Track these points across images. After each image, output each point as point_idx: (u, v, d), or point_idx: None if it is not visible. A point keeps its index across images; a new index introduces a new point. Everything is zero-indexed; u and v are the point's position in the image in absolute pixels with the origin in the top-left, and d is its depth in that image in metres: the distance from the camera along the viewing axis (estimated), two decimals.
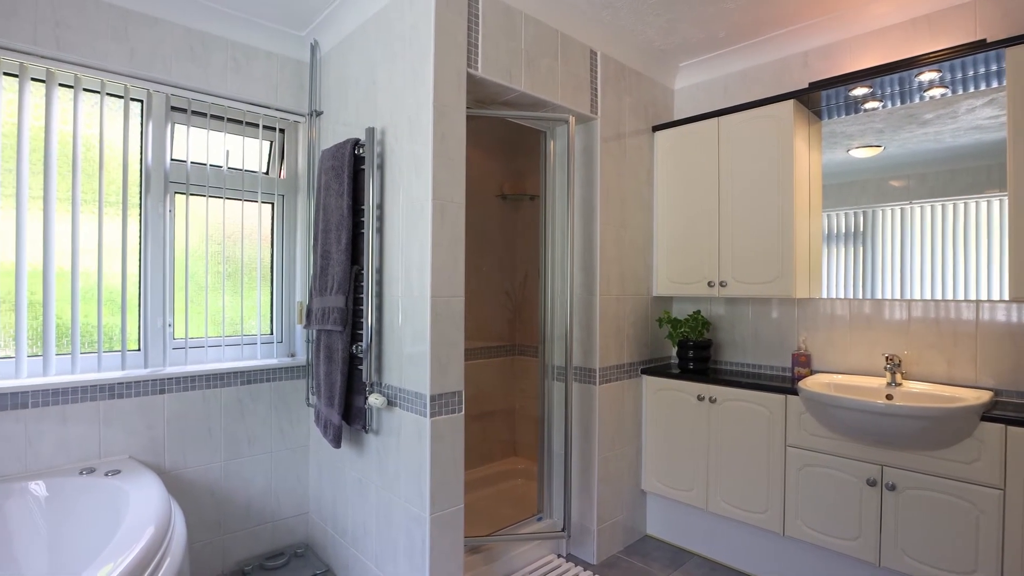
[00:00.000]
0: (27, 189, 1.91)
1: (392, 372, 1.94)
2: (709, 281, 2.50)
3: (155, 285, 2.17)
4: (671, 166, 2.66)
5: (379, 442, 2.00)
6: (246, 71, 2.33)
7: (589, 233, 2.44)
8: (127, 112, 2.09)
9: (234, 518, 2.29)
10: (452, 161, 1.81)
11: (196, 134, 2.28)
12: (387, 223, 1.97)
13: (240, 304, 2.39)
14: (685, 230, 2.60)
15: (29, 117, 1.91)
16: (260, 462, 2.37)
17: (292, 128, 2.55)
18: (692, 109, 2.80)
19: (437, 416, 1.77)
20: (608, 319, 2.45)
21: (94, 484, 1.80)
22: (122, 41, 2.03)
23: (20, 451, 1.84)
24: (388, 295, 1.96)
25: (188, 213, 2.24)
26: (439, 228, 1.77)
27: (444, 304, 1.79)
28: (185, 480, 2.17)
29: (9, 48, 1.85)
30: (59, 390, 1.91)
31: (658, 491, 2.56)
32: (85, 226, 2.02)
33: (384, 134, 1.98)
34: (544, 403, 2.49)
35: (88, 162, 2.03)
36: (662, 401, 2.55)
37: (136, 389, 2.06)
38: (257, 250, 2.44)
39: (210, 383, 2.23)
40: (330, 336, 2.04)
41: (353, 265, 1.98)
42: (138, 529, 1.48)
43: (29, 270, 1.91)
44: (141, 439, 2.07)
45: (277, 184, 2.50)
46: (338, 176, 2.00)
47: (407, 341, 1.86)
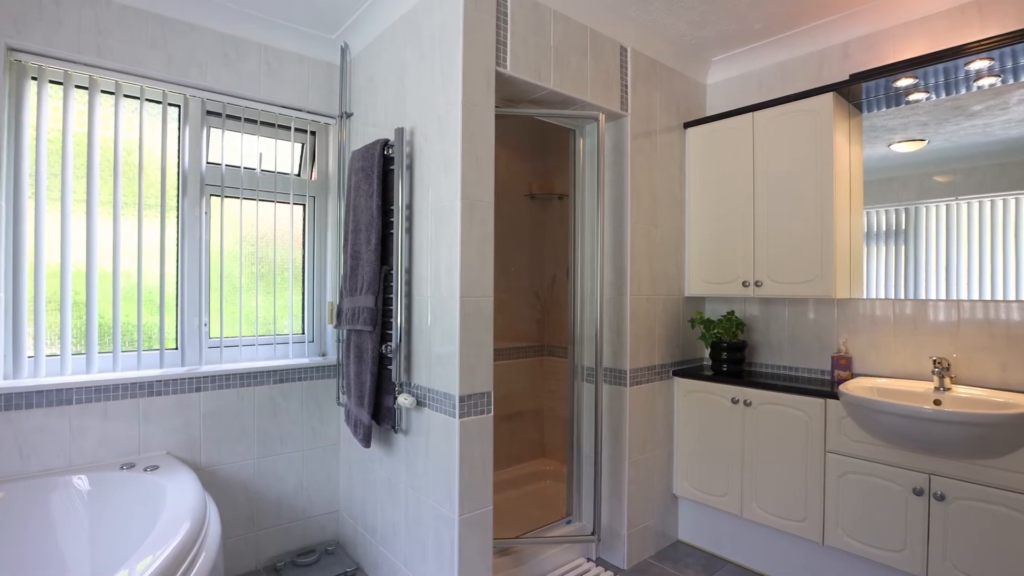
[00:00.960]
0: (71, 193, 1.97)
1: (421, 372, 1.94)
2: (743, 281, 2.43)
3: (191, 285, 2.22)
4: (703, 163, 2.60)
5: (408, 442, 2.00)
6: (278, 74, 2.37)
7: (619, 232, 2.40)
8: (165, 117, 2.15)
9: (267, 515, 2.33)
10: (481, 160, 1.80)
11: (230, 137, 2.33)
12: (416, 223, 1.97)
13: (273, 304, 2.43)
14: (718, 229, 2.54)
15: (73, 123, 1.98)
16: (292, 460, 2.40)
17: (323, 130, 2.58)
18: (725, 104, 2.73)
19: (466, 417, 1.76)
20: (639, 320, 2.41)
21: (133, 479, 1.85)
22: (160, 48, 2.08)
23: (64, 446, 1.90)
24: (417, 295, 1.96)
25: (223, 215, 2.29)
26: (468, 227, 1.76)
27: (473, 304, 1.78)
28: (220, 476, 2.21)
29: (54, 56, 1.91)
30: (101, 387, 1.97)
31: (690, 496, 2.50)
32: (125, 228, 2.08)
33: (413, 134, 1.99)
34: (573, 405, 2.46)
35: (128, 166, 2.09)
36: (694, 403, 2.49)
37: (173, 387, 2.11)
38: (289, 251, 2.48)
39: (244, 382, 2.27)
40: (360, 336, 2.05)
41: (383, 265, 1.99)
42: (175, 523, 1.51)
43: (73, 271, 1.98)
44: (178, 436, 2.12)
45: (308, 186, 2.54)
46: (367, 177, 2.01)
47: (436, 341, 1.86)
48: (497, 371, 3.13)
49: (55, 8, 1.88)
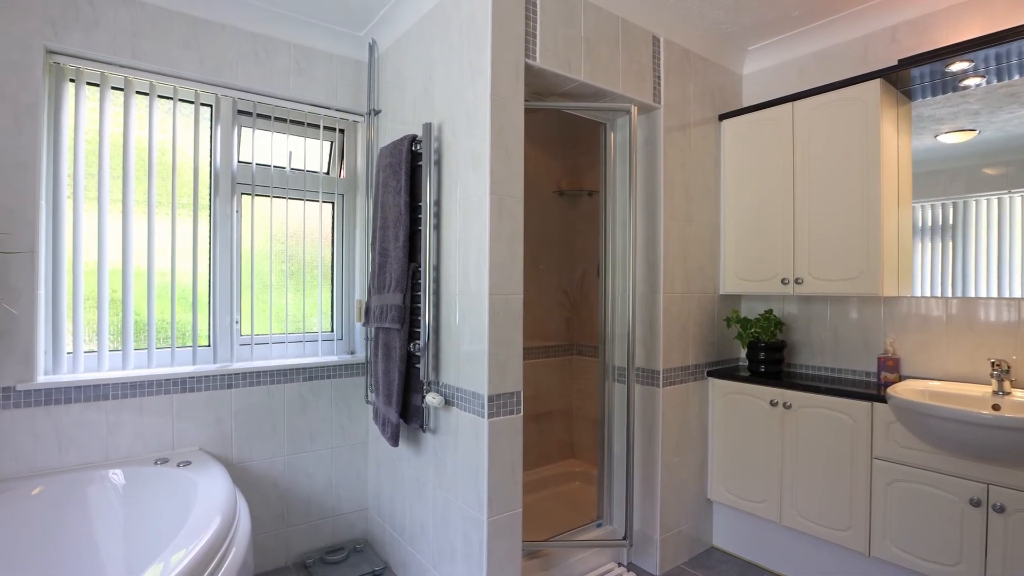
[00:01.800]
0: (108, 193, 2.01)
1: (449, 371, 1.91)
2: (783, 278, 2.33)
3: (223, 283, 2.24)
4: (740, 156, 2.51)
5: (436, 441, 1.98)
6: (307, 73, 2.37)
7: (652, 228, 2.33)
8: (197, 117, 2.17)
9: (297, 511, 2.34)
10: (510, 155, 1.76)
11: (261, 136, 2.34)
12: (444, 220, 1.94)
13: (302, 302, 2.43)
14: (755, 224, 2.44)
15: (109, 124, 2.01)
16: (321, 457, 2.41)
17: (351, 128, 2.58)
18: (762, 95, 2.63)
19: (495, 417, 1.72)
20: (672, 318, 2.33)
21: (167, 474, 1.87)
22: (192, 48, 2.11)
23: (101, 440, 1.94)
24: (445, 293, 1.93)
25: (254, 213, 2.31)
26: (497, 223, 1.73)
27: (502, 302, 1.74)
28: (251, 473, 2.23)
29: (91, 58, 1.95)
30: (136, 383, 2.00)
31: (726, 501, 2.41)
32: (160, 227, 2.11)
33: (441, 129, 1.96)
34: (604, 405, 2.40)
35: (162, 166, 2.12)
36: (730, 405, 2.40)
37: (206, 383, 2.13)
38: (318, 249, 2.48)
39: (274, 379, 2.28)
40: (388, 334, 2.04)
41: (410, 262, 1.97)
42: (206, 518, 1.52)
43: (110, 269, 2.01)
44: (210, 432, 2.14)
45: (337, 184, 2.54)
46: (395, 173, 1.99)
47: (464, 339, 1.83)
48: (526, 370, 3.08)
49: (91, 11, 1.91)
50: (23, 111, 1.81)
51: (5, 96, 1.78)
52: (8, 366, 1.79)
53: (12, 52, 1.79)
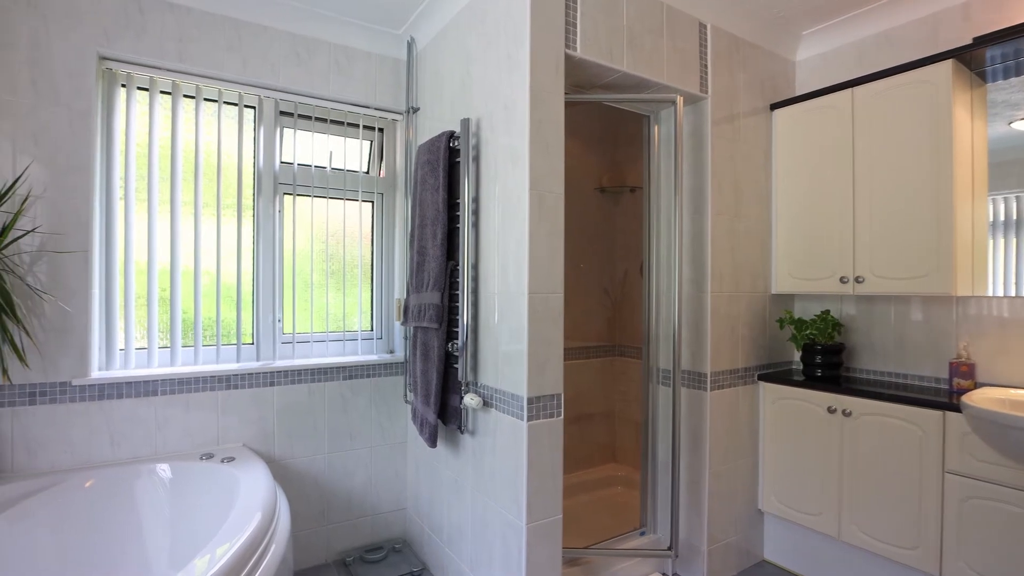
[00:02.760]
0: (157, 194, 2.06)
1: (488, 372, 1.87)
2: (841, 277, 2.18)
3: (266, 282, 2.27)
4: (793, 147, 2.37)
5: (475, 443, 1.94)
6: (347, 72, 2.38)
7: (699, 225, 2.23)
8: (241, 118, 2.20)
9: (337, 509, 2.35)
10: (550, 149, 1.70)
11: (302, 136, 2.36)
12: (483, 217, 1.90)
13: (342, 300, 2.44)
14: (810, 219, 2.30)
15: (158, 127, 2.06)
16: (361, 456, 2.41)
17: (390, 127, 2.57)
18: (818, 82, 2.48)
19: (534, 420, 1.67)
20: (720, 319, 2.22)
21: (211, 469, 1.90)
22: (235, 50, 2.14)
23: (151, 435, 1.99)
24: (484, 291, 1.89)
25: (295, 213, 2.33)
26: (536, 220, 1.67)
27: (542, 301, 1.69)
28: (292, 470, 2.25)
29: (140, 63, 2.00)
30: (184, 379, 2.04)
31: (778, 512, 2.28)
32: (205, 228, 2.15)
33: (479, 125, 1.92)
34: (648, 409, 2.31)
35: (208, 167, 2.16)
36: (783, 411, 2.27)
37: (249, 381, 2.16)
38: (358, 248, 2.49)
39: (315, 377, 2.30)
40: (426, 333, 2.01)
41: (448, 261, 1.93)
42: (247, 514, 1.53)
43: (159, 268, 2.06)
44: (254, 429, 2.17)
45: (376, 183, 2.54)
46: (433, 170, 1.96)
47: (503, 339, 1.78)
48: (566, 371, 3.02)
49: (140, 17, 1.97)
50: (77, 116, 1.87)
51: (61, 101, 1.84)
52: (64, 362, 1.85)
53: (68, 59, 1.86)
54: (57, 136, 1.84)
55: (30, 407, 1.82)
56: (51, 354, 1.83)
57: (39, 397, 1.83)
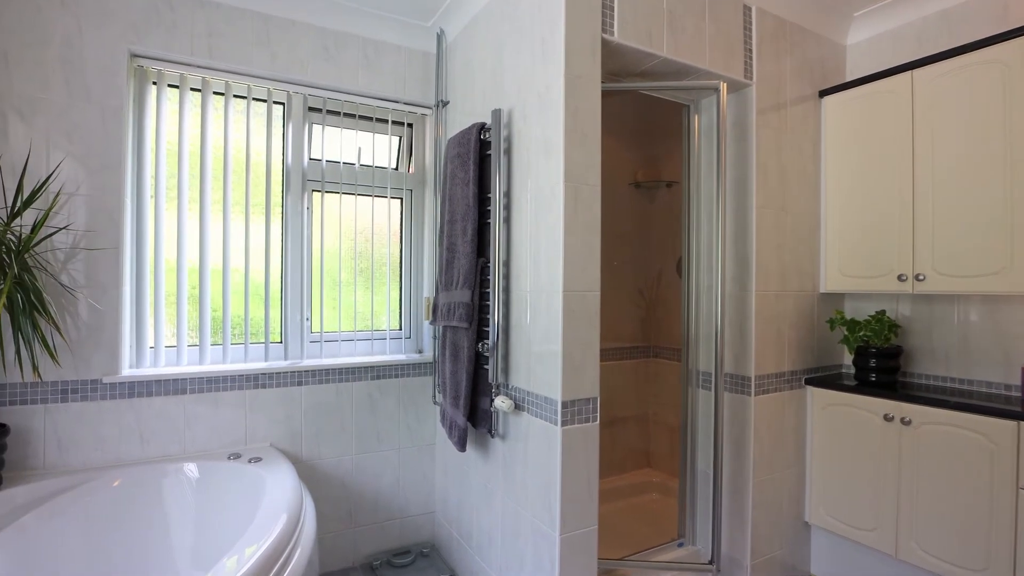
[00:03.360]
0: (187, 192, 2.05)
1: (519, 373, 1.79)
2: (899, 274, 2.03)
3: (294, 280, 2.24)
4: (844, 136, 2.22)
5: (506, 448, 1.86)
6: (376, 66, 2.33)
7: (743, 219, 2.10)
8: (270, 115, 2.18)
9: (364, 511, 2.31)
10: (586, 139, 1.61)
11: (330, 132, 2.33)
12: (515, 212, 1.82)
13: (370, 299, 2.40)
14: (864, 213, 2.15)
15: (189, 125, 2.05)
16: (388, 458, 2.36)
17: (419, 122, 2.52)
18: (870, 66, 2.32)
19: (569, 425, 1.58)
20: (765, 319, 2.09)
21: (238, 469, 1.87)
22: (264, 45, 2.11)
23: (180, 433, 1.98)
24: (515, 289, 1.81)
25: (323, 211, 2.29)
26: (572, 214, 1.58)
27: (578, 299, 1.60)
28: (319, 471, 2.21)
29: (171, 60, 1.99)
30: (213, 378, 2.03)
31: (827, 526, 2.14)
32: (234, 225, 2.13)
33: (511, 116, 1.84)
34: (688, 413, 2.20)
35: (237, 164, 2.14)
36: (834, 418, 2.12)
37: (277, 380, 2.13)
38: (387, 245, 2.44)
39: (342, 377, 2.26)
40: (455, 333, 1.95)
41: (479, 257, 1.86)
42: (273, 516, 1.50)
43: (188, 267, 2.05)
44: (281, 428, 2.14)
45: (406, 179, 2.49)
46: (463, 164, 1.89)
47: (536, 340, 1.70)
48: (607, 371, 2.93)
49: (171, 13, 1.95)
50: (109, 113, 1.86)
51: (93, 99, 1.84)
52: (96, 359, 1.85)
53: (100, 56, 1.85)
54: (89, 134, 1.84)
55: (62, 404, 1.82)
56: (83, 352, 1.83)
57: (71, 394, 1.83)
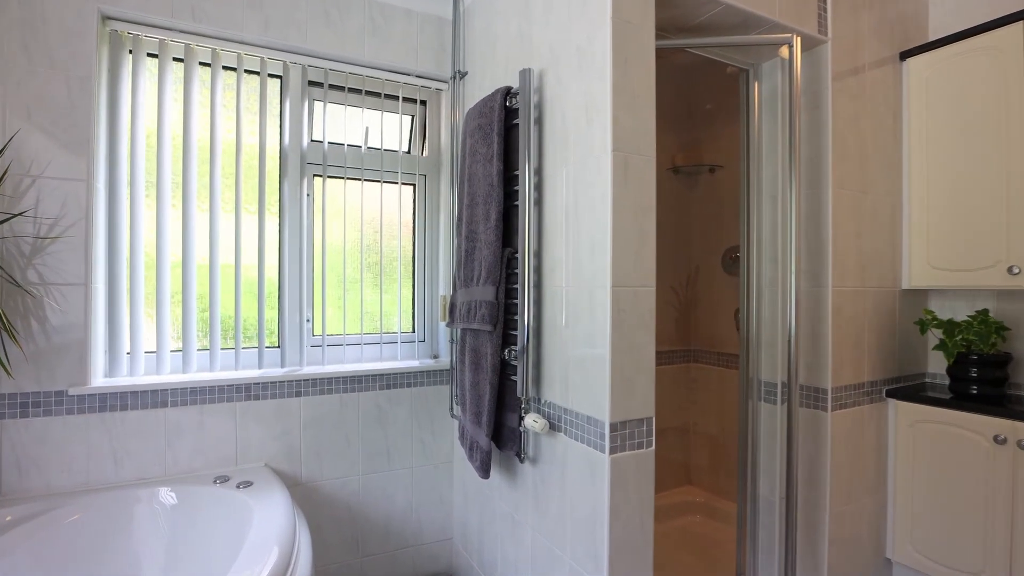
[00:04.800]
0: (169, 177, 1.79)
1: (553, 386, 1.49)
2: (1010, 267, 1.69)
3: (293, 276, 1.97)
4: (933, 103, 1.88)
5: (537, 474, 1.57)
6: (384, 33, 2.05)
7: (815, 203, 1.78)
8: (264, 90, 1.91)
9: (373, 538, 2.03)
10: (638, 98, 1.31)
11: (333, 111, 2.05)
12: (547, 191, 1.52)
13: (379, 297, 2.12)
14: (959, 193, 1.81)
15: (170, 99, 1.79)
16: (400, 477, 2.08)
17: (434, 98, 2.24)
18: (959, 22, 1.97)
19: (619, 452, 1.28)
20: (844, 320, 1.77)
21: (223, 496, 1.60)
22: (257, 9, 1.84)
23: (160, 453, 1.71)
24: (548, 285, 1.52)
25: (325, 199, 2.02)
26: (622, 190, 1.28)
27: (629, 297, 1.29)
28: (321, 493, 1.94)
29: (149, 24, 1.73)
30: (198, 388, 1.76)
31: (915, 564, 1.80)
32: (224, 216, 1.86)
33: (542, 78, 1.54)
34: (748, 430, 1.88)
35: (226, 144, 1.87)
36: (924, 438, 1.79)
37: (272, 390, 1.86)
38: (398, 237, 2.16)
39: (347, 386, 1.98)
40: (477, 337, 1.65)
41: (505, 247, 1.57)
42: (260, 553, 1.25)
43: (171, 261, 1.79)
44: (277, 445, 1.87)
45: (419, 163, 2.21)
46: (485, 136, 1.60)
47: (575, 346, 1.40)
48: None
49: None
50: (76, 84, 1.61)
51: (57, 65, 1.59)
52: (61, 368, 1.59)
53: (64, 16, 1.60)
54: (53, 107, 1.58)
55: (21, 420, 1.56)
56: (45, 359, 1.57)
57: (31, 408, 1.57)
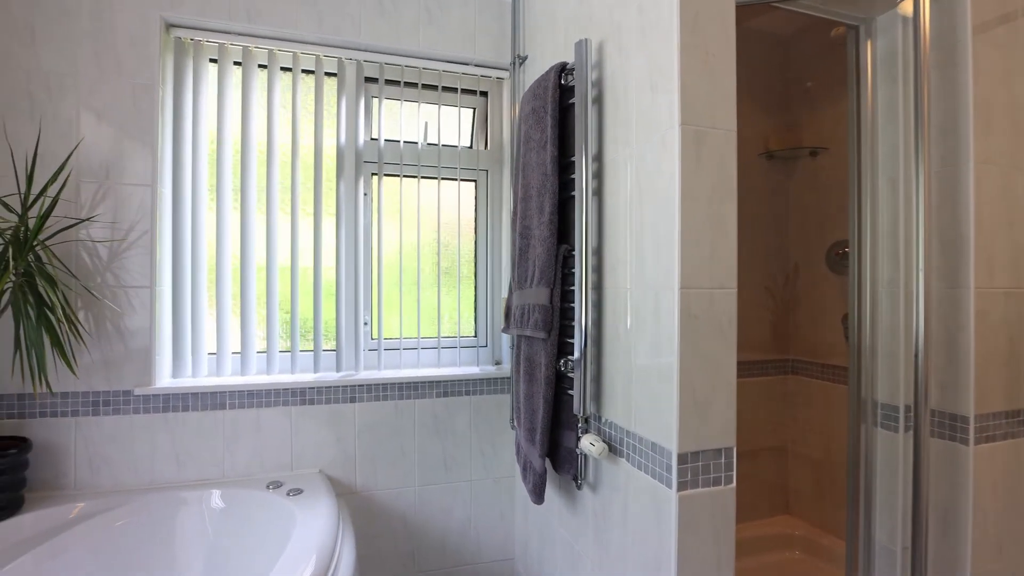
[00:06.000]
0: (230, 180, 1.79)
1: (615, 403, 1.29)
2: None
3: (349, 278, 1.91)
4: None
5: (597, 502, 1.38)
6: (440, 22, 1.95)
7: (951, 184, 1.43)
8: (319, 88, 1.87)
9: (429, 553, 1.93)
10: (713, 60, 1.08)
11: (390, 107, 1.98)
12: (608, 179, 1.33)
13: (437, 300, 2.02)
14: None
15: (231, 104, 1.79)
16: (458, 491, 1.96)
17: (495, 88, 2.10)
18: None
19: (690, 489, 1.06)
20: (991, 329, 1.41)
21: (269, 503, 1.57)
22: (310, 4, 1.81)
23: (219, 455, 1.72)
24: (610, 286, 1.32)
25: (383, 198, 1.95)
26: (692, 171, 1.06)
27: (703, 300, 1.07)
28: (376, 503, 1.87)
29: (208, 28, 1.74)
30: (255, 392, 1.75)
31: None
32: (282, 218, 1.85)
33: (602, 49, 1.35)
34: (860, 461, 1.56)
35: (284, 146, 1.86)
36: None
37: (327, 395, 1.82)
38: (457, 236, 2.05)
39: (402, 393, 1.90)
40: (531, 345, 1.49)
41: (560, 244, 1.39)
42: (297, 561, 1.17)
43: (232, 265, 1.80)
44: (332, 452, 1.82)
45: (480, 158, 2.08)
46: (539, 120, 1.43)
47: (637, 359, 1.19)
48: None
49: None
50: (141, 91, 1.64)
51: (124, 73, 1.63)
52: (128, 368, 1.63)
53: (131, 26, 1.64)
54: (120, 114, 1.63)
55: (93, 418, 1.62)
56: (115, 360, 1.62)
57: (102, 407, 1.62)
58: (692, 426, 1.05)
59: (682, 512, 1.05)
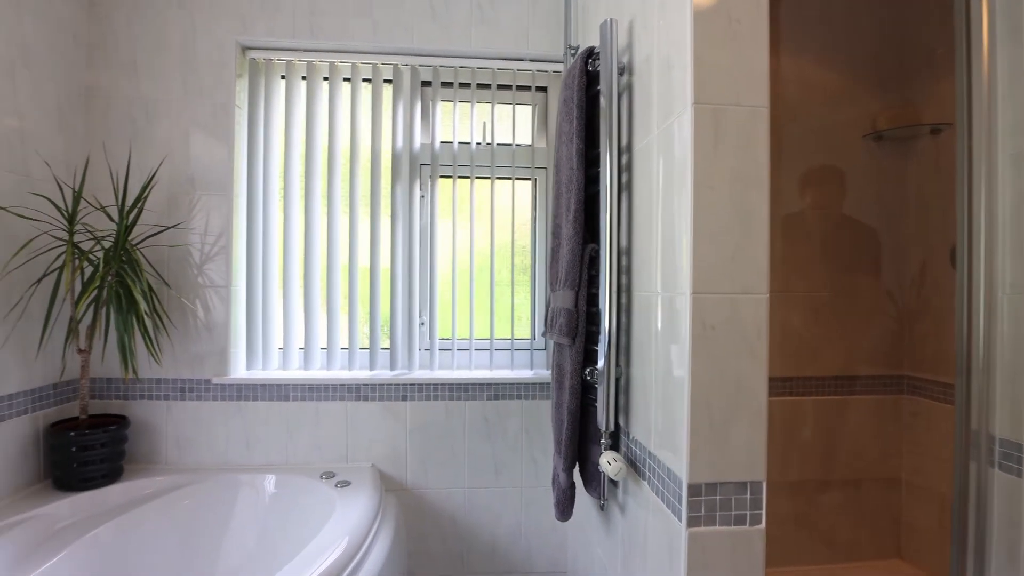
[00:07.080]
0: (298, 187, 1.92)
1: (639, 420, 1.17)
2: None
3: (406, 279, 1.95)
4: None
5: (625, 524, 1.26)
6: (492, 20, 1.92)
7: None
8: (378, 95, 1.93)
9: (478, 557, 1.91)
10: (736, 26, 0.93)
11: (445, 108, 1.99)
12: (637, 174, 1.21)
13: (490, 303, 1.99)
14: None
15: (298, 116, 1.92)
16: (508, 496, 1.92)
17: (554, 83, 2.03)
18: None
19: (704, 526, 0.92)
20: None
21: (314, 490, 1.67)
22: (365, 15, 1.87)
23: (283, 443, 1.85)
24: (638, 289, 1.20)
25: (438, 199, 1.97)
26: (708, 154, 0.92)
27: (722, 307, 0.92)
28: (426, 501, 1.89)
29: (276, 47, 1.88)
30: (314, 386, 1.86)
31: None
32: (343, 220, 1.94)
33: (631, 31, 1.23)
34: (970, 506, 1.27)
35: (345, 153, 1.95)
36: None
37: (380, 392, 1.88)
38: (511, 236, 2.01)
39: (453, 394, 1.90)
40: (560, 351, 1.41)
41: (587, 244, 1.30)
42: (324, 549, 1.25)
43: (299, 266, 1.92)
44: (383, 448, 1.88)
45: (536, 156, 2.02)
46: (567, 112, 1.35)
47: (658, 370, 1.07)
48: (822, 410, 2.07)
49: None
50: (220, 110, 1.82)
51: (205, 93, 1.81)
52: (208, 359, 1.82)
53: (211, 51, 1.82)
54: (203, 132, 1.81)
55: (180, 402, 1.82)
56: (198, 352, 1.81)
57: (187, 392, 1.82)
58: (706, 453, 0.91)
59: (692, 551, 0.91)
